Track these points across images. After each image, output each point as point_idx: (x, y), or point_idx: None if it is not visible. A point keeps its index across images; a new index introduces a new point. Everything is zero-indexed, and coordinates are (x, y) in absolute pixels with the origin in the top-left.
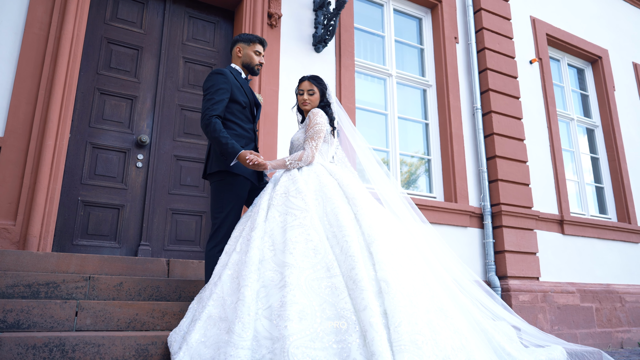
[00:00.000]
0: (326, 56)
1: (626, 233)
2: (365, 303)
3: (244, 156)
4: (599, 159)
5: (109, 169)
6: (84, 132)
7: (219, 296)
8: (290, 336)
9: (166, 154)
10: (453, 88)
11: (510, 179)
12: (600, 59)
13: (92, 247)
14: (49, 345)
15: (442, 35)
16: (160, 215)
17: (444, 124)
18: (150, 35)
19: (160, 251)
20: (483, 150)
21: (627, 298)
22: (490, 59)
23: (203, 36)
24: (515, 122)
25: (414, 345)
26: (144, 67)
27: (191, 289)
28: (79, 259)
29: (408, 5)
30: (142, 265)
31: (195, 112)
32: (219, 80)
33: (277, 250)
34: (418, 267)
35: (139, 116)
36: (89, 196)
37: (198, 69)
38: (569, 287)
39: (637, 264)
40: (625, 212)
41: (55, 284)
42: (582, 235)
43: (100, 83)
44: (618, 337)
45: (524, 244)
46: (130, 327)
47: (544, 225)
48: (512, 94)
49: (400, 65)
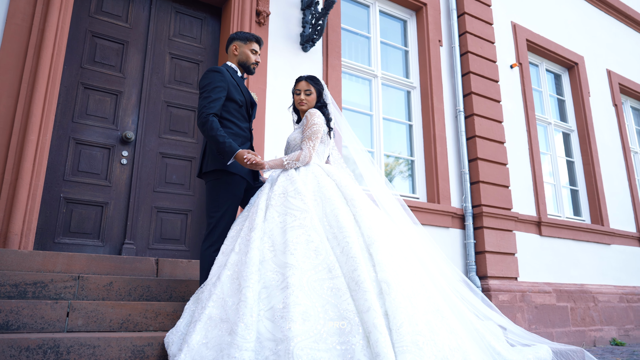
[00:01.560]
0: (313, 56)
1: (599, 235)
2: (369, 304)
3: (242, 155)
4: (574, 162)
5: (93, 165)
6: (67, 127)
7: (219, 297)
8: (294, 338)
9: (151, 151)
10: (437, 90)
11: (491, 181)
12: (577, 65)
13: (74, 246)
14: (43, 347)
15: (426, 38)
16: (145, 214)
17: (428, 125)
18: (136, 30)
19: (144, 250)
20: (465, 152)
21: (600, 298)
22: (473, 62)
23: (190, 32)
24: (496, 125)
25: (415, 346)
26: (129, 62)
27: (182, 289)
28: (66, 258)
29: (393, 7)
30: (130, 265)
31: (181, 109)
32: (216, 78)
33: (278, 251)
34: (414, 268)
35: (123, 112)
36: (72, 193)
37: (184, 65)
38: (545, 287)
39: (609, 264)
40: (598, 215)
41: (43, 283)
42: (558, 237)
43: (85, 77)
44: (591, 335)
45: (503, 245)
46: (123, 328)
47: (523, 226)
48: (493, 98)
49: (385, 66)
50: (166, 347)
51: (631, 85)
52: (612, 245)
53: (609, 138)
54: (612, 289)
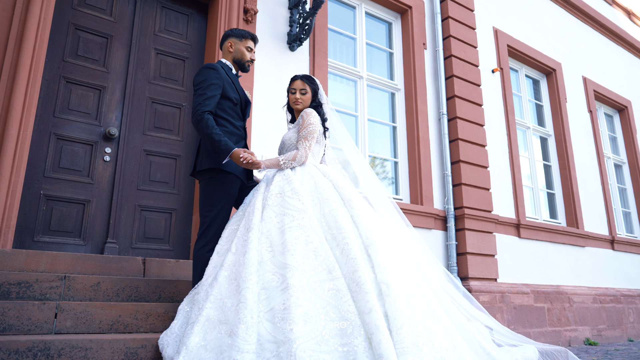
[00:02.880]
0: (300, 55)
1: (574, 237)
2: (370, 306)
3: (238, 154)
4: (551, 166)
5: (75, 162)
6: (48, 122)
7: (216, 298)
8: (296, 339)
9: (135, 148)
10: (421, 93)
11: (472, 183)
12: (555, 71)
13: (55, 244)
14: (33, 350)
15: (411, 41)
16: (128, 212)
17: (412, 127)
18: (120, 24)
19: (127, 249)
20: (448, 154)
21: (575, 299)
22: (457, 66)
23: (176, 28)
24: (478, 129)
25: (415, 347)
26: (113, 56)
27: (171, 289)
28: (50, 257)
29: (379, 9)
30: (117, 264)
31: (166, 106)
32: (211, 75)
33: (276, 251)
34: (410, 270)
35: (107, 108)
36: (53, 190)
37: (170, 61)
38: (523, 288)
39: (583, 266)
40: (574, 217)
41: (27, 283)
42: (535, 239)
43: (67, 71)
44: (566, 335)
45: (484, 247)
46: (113, 330)
47: (502, 228)
48: (475, 101)
49: (370, 67)
50: (160, 349)
51: (605, 93)
52: (586, 248)
53: (584, 143)
54: (586, 290)
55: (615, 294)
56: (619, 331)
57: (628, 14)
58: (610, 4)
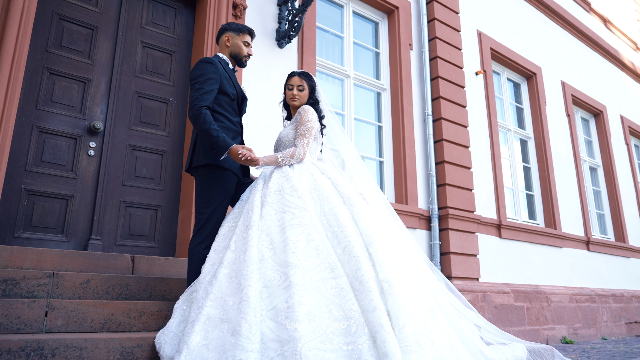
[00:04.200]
0: (289, 53)
1: (552, 238)
2: (374, 304)
3: (236, 150)
4: (530, 168)
5: (58, 156)
6: (30, 114)
7: (217, 296)
8: (301, 338)
9: (121, 142)
10: (407, 93)
11: (456, 184)
12: (535, 75)
13: (36, 241)
14: (26, 350)
15: (397, 41)
16: (112, 208)
17: (397, 127)
18: (106, 15)
19: (112, 246)
20: (432, 155)
21: (553, 298)
22: (442, 67)
23: (163, 21)
24: (462, 130)
25: (418, 345)
26: (98, 48)
27: (162, 287)
28: (35, 254)
29: (366, 8)
30: (105, 262)
31: (152, 101)
32: (209, 70)
33: (277, 249)
34: (408, 268)
35: (92, 101)
36: (34, 185)
37: (157, 55)
38: (504, 288)
39: (560, 266)
40: (552, 218)
41: (14, 280)
42: (516, 239)
43: (50, 62)
44: (544, 334)
45: (466, 246)
46: (105, 328)
47: (484, 228)
48: (460, 103)
49: (356, 67)
50: (157, 348)
51: (582, 97)
52: (563, 248)
53: (562, 146)
54: (562, 289)
55: (590, 293)
56: (594, 330)
57: (604, 21)
58: (588, 11)
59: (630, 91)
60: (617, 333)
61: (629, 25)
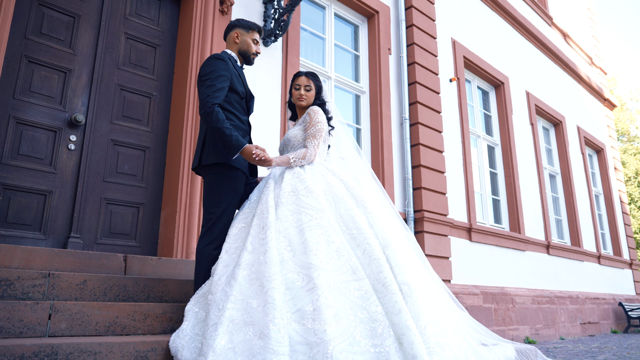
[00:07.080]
0: (274, 51)
1: (517, 242)
2: (399, 307)
3: (250, 150)
4: (497, 174)
5: (36, 149)
6: (6, 104)
7: (238, 299)
8: (331, 341)
9: (102, 137)
10: (385, 97)
11: (431, 188)
12: (503, 84)
13: (11, 238)
14: (40, 355)
15: (377, 45)
16: (93, 205)
17: (376, 130)
18: (89, 3)
19: (92, 244)
20: (409, 159)
21: (517, 300)
22: (419, 73)
23: (147, 13)
24: (437, 135)
25: (439, 347)
26: (80, 37)
27: (160, 289)
28: (25, 253)
29: (347, 11)
30: (97, 261)
31: (136, 94)
32: (220, 67)
33: (296, 251)
34: (422, 271)
35: (72, 92)
36: (10, 179)
37: (141, 47)
38: (474, 290)
39: (523, 269)
40: (516, 223)
41: (8, 281)
42: (484, 243)
43: (29, 50)
44: (510, 334)
45: (440, 249)
46: (110, 332)
47: (456, 232)
48: (435, 108)
49: (337, 69)
50: (174, 352)
51: (544, 107)
52: (526, 252)
53: (526, 154)
54: (526, 291)
55: (549, 295)
56: (553, 330)
57: (564, 36)
58: (550, 25)
59: (586, 103)
60: (573, 333)
61: (586, 41)
